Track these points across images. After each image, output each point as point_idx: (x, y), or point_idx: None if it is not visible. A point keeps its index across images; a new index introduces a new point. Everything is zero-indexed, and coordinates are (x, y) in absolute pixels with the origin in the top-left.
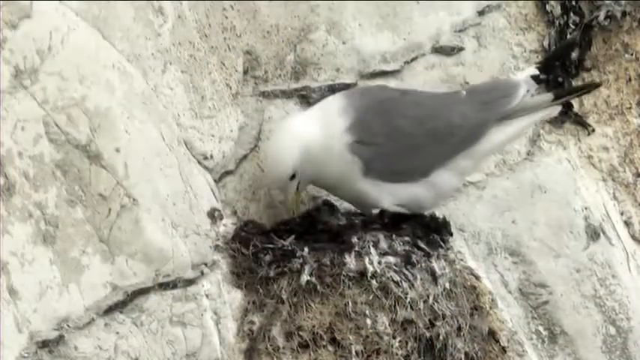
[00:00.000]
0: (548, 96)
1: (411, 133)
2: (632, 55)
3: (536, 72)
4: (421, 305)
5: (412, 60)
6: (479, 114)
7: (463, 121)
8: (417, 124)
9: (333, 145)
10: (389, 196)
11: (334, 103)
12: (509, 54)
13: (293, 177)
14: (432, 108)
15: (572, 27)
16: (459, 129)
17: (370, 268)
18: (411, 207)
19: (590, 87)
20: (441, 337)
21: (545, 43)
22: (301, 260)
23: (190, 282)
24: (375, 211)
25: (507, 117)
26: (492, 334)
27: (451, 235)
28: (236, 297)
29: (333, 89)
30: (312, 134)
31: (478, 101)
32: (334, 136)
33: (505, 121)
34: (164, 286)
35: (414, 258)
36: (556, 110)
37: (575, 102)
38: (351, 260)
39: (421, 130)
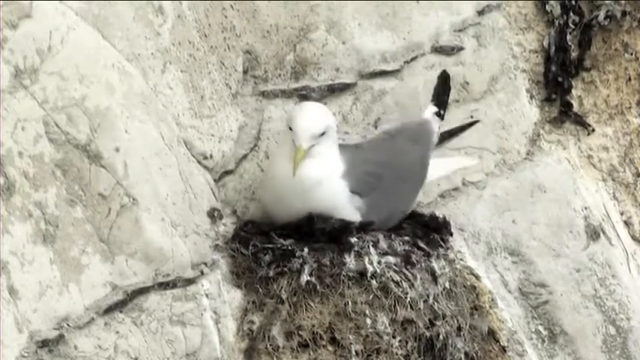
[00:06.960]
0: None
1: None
2: (631, 54)
3: (436, 109)
4: (421, 305)
5: (412, 60)
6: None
7: None
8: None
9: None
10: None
11: None
12: (509, 54)
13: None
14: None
15: (572, 27)
16: None
17: (370, 268)
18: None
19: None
20: (440, 337)
21: (545, 43)
22: (301, 260)
23: (190, 281)
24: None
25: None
26: (492, 333)
27: (451, 234)
28: (236, 296)
29: (332, 89)
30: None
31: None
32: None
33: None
34: (164, 286)
35: (413, 258)
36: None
37: (574, 102)
38: (350, 260)
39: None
